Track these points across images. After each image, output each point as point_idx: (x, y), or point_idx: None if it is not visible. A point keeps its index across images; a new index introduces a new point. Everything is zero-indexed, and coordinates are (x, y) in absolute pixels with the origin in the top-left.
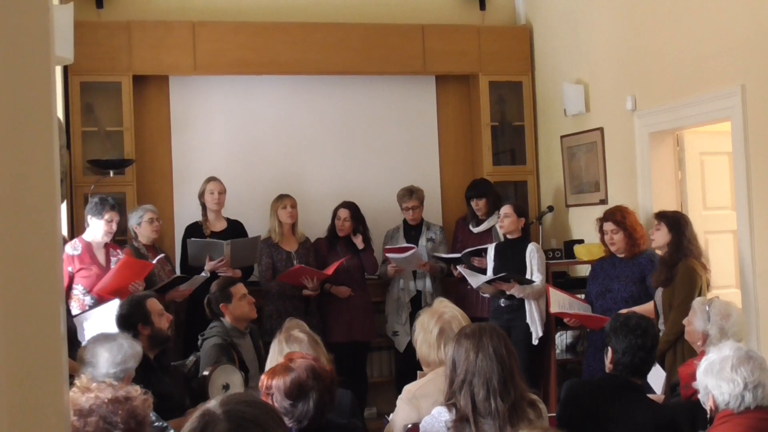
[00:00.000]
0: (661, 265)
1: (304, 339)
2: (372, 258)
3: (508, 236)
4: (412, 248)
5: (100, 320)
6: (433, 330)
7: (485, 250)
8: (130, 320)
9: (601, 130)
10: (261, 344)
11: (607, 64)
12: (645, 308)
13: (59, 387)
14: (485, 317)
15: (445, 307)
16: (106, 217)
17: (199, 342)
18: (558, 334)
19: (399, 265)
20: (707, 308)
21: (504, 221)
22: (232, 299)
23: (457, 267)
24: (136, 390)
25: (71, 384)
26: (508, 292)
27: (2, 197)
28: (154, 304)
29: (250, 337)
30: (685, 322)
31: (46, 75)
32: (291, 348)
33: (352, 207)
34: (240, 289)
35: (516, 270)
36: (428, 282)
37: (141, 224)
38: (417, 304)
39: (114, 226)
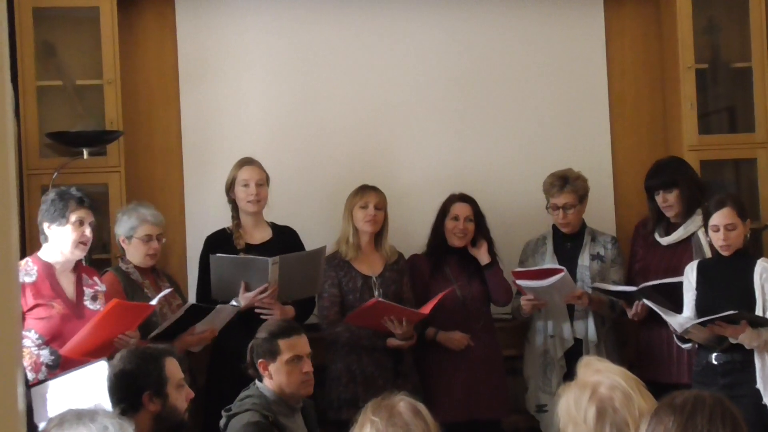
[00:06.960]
0: None
1: (403, 413)
2: (502, 278)
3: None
4: (558, 271)
5: (74, 393)
6: (588, 414)
7: (680, 286)
8: (134, 384)
9: None
10: (316, 424)
11: None
12: None
13: None
14: (686, 383)
15: (597, 372)
16: (73, 218)
17: (223, 421)
18: None
19: (538, 296)
20: None
21: (728, 238)
22: (277, 357)
23: (644, 300)
24: None
25: None
26: (732, 340)
27: None
28: (174, 369)
29: (302, 414)
30: None
31: None
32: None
33: (472, 202)
34: (295, 346)
35: (735, 303)
36: (591, 324)
37: (132, 240)
38: (575, 358)
39: (88, 232)
